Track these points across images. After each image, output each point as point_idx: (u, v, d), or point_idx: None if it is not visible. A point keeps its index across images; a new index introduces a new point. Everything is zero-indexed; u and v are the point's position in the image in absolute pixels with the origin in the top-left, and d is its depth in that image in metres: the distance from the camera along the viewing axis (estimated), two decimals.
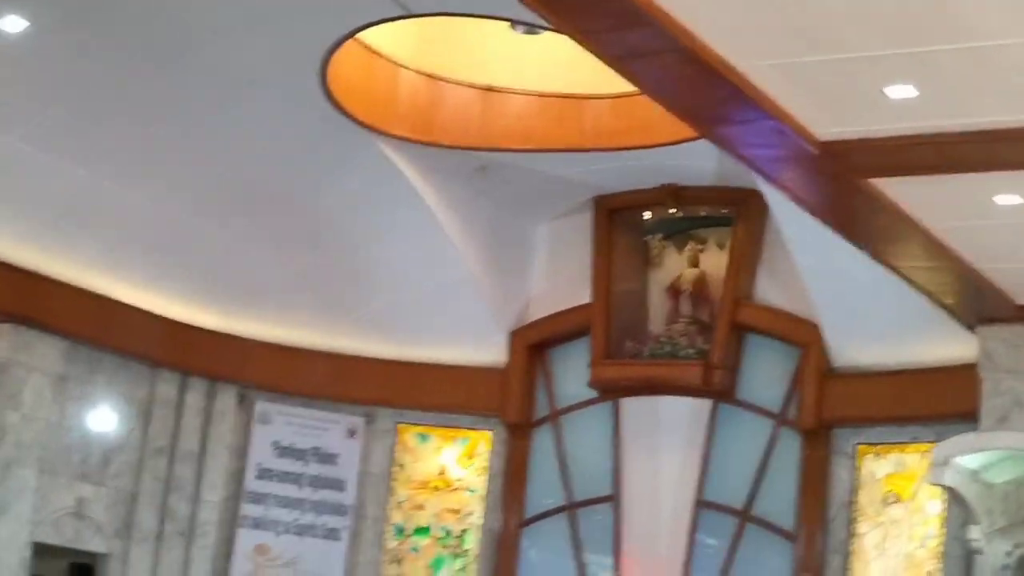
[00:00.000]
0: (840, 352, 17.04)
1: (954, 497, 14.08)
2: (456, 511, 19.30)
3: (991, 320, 14.15)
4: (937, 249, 12.53)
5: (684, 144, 15.92)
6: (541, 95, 17.48)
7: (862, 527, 16.85)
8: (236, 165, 16.61)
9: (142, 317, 17.75)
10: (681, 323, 18.34)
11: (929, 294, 14.10)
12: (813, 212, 12.61)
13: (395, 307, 18.81)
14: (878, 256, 13.36)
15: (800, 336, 17.38)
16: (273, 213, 17.59)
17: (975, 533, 13.84)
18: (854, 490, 16.95)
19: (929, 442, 15.40)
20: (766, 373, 17.96)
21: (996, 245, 12.52)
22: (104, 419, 17.67)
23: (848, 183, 11.30)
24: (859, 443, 17.02)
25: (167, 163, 16.40)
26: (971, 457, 13.54)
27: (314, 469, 19.16)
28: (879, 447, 16.93)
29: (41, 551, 17.33)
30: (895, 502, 16.65)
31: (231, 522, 18.83)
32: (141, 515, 18.16)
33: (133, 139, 15.87)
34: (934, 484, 14.06)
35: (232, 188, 17.01)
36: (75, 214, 16.46)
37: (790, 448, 17.46)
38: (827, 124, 10.32)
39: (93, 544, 17.80)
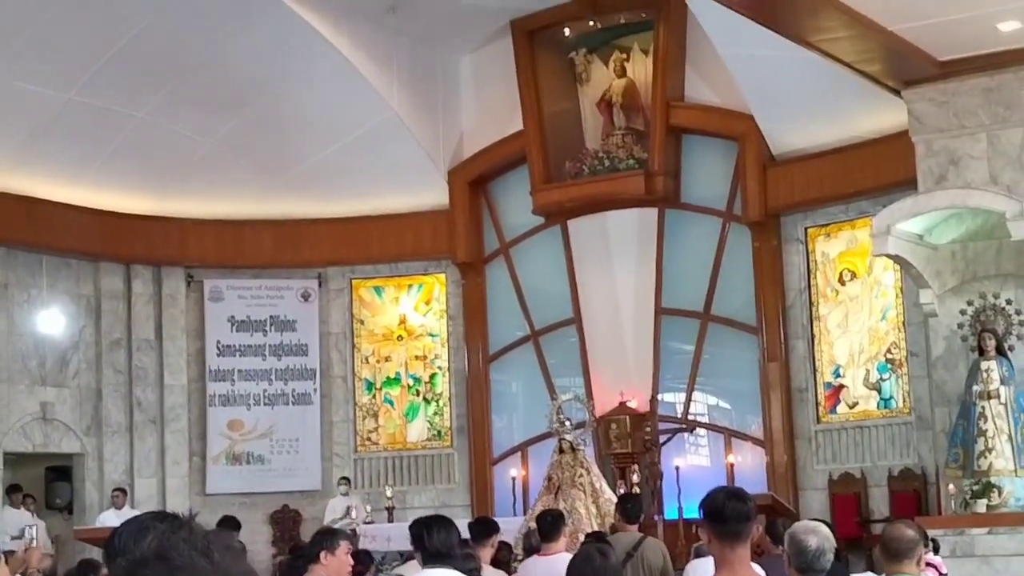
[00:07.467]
0: (777, 139, 16.84)
1: (901, 264, 13.97)
2: (423, 357, 19.28)
3: (915, 82, 13.85)
4: (852, 16, 12.21)
5: None
6: None
7: (822, 309, 16.84)
8: (143, 38, 16.03)
9: (73, 212, 17.45)
10: (617, 135, 18.09)
11: (853, 64, 13.78)
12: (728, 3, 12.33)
13: (328, 163, 18.44)
14: (797, 34, 13.05)
15: (736, 129, 17.14)
16: (187, 83, 17.05)
17: (926, 297, 13.75)
18: (810, 274, 16.92)
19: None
20: (707, 172, 17.82)
21: (906, 4, 12.19)
22: (53, 321, 17.45)
23: None
24: (808, 226, 16.94)
25: (67, 47, 15.86)
26: (912, 222, 13.34)
27: (274, 338, 19.04)
28: (828, 227, 16.86)
29: (14, 460, 17.31)
30: (852, 279, 16.63)
31: (200, 403, 18.77)
32: (108, 410, 18.08)
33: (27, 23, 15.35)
34: (878, 255, 13.93)
35: (141, 62, 16.42)
36: None
37: (741, 243, 17.37)
38: None
39: (65, 445, 17.76)
